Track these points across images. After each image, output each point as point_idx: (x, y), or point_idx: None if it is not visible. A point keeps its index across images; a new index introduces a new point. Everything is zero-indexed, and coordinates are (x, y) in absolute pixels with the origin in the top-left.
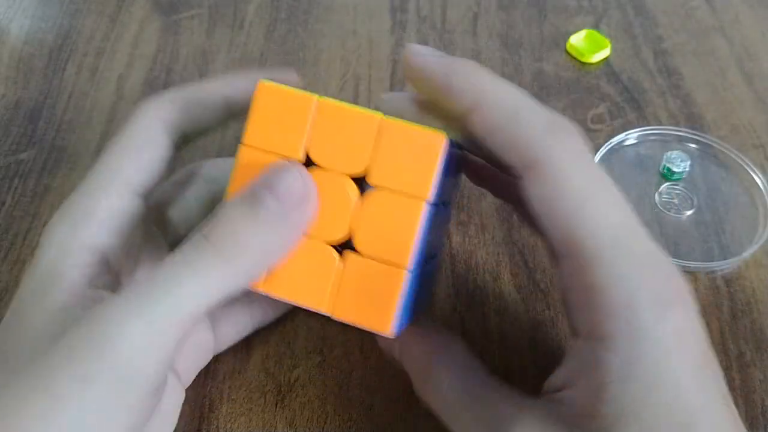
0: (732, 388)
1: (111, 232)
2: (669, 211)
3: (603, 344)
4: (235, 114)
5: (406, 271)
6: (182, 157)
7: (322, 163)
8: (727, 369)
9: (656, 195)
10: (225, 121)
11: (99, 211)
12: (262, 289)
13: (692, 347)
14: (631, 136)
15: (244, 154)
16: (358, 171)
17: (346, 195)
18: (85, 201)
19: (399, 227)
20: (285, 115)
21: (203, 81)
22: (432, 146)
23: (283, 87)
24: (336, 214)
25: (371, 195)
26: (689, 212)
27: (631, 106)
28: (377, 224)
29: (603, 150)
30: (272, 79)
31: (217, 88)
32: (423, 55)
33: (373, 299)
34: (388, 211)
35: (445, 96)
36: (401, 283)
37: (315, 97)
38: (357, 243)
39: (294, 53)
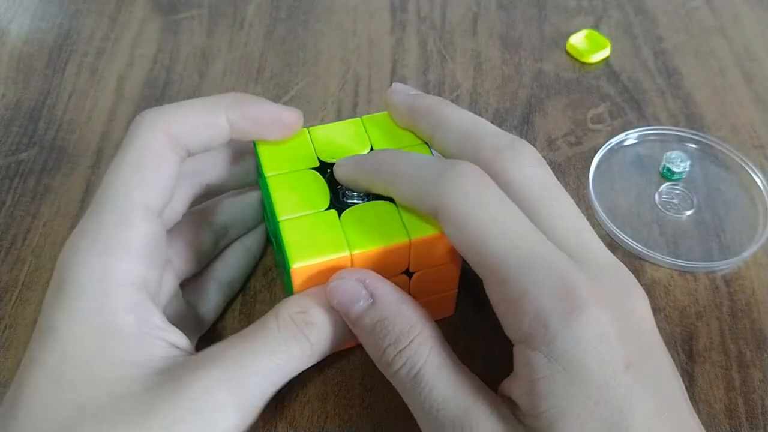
0: (732, 388)
1: (147, 263)
2: (669, 211)
3: (528, 345)
4: (238, 138)
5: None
6: None
7: None
8: (727, 369)
9: (656, 195)
10: (226, 143)
11: (131, 242)
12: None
13: (616, 346)
14: (631, 136)
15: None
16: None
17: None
18: (112, 231)
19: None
20: (328, 272)
21: (206, 98)
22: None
23: (315, 263)
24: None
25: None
26: (689, 212)
27: (631, 106)
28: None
29: (603, 150)
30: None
31: (222, 109)
32: (398, 92)
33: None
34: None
35: (413, 127)
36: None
37: (348, 254)
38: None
39: (294, 53)
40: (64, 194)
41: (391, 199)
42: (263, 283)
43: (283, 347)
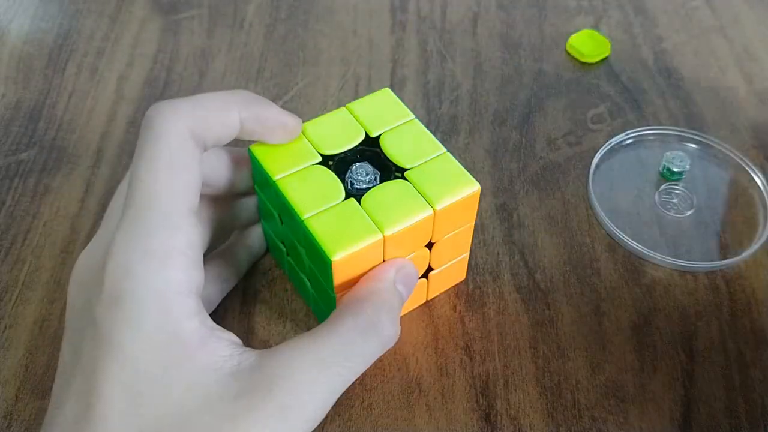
0: (732, 388)
1: (196, 267)
2: (669, 211)
3: None
4: (241, 138)
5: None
6: None
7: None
8: (727, 369)
9: (656, 195)
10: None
11: (183, 247)
12: None
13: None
14: (631, 136)
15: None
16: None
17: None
18: (164, 238)
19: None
20: (365, 258)
21: (216, 94)
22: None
23: (353, 252)
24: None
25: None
26: (689, 212)
27: (631, 106)
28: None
29: (603, 150)
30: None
31: (235, 107)
32: None
33: (451, 274)
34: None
35: None
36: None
37: (381, 237)
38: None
39: (294, 53)
40: (64, 194)
41: (401, 177)
42: (263, 283)
43: (359, 347)
